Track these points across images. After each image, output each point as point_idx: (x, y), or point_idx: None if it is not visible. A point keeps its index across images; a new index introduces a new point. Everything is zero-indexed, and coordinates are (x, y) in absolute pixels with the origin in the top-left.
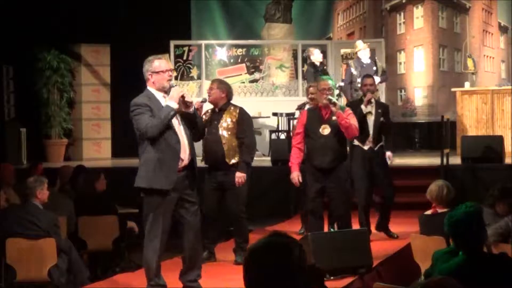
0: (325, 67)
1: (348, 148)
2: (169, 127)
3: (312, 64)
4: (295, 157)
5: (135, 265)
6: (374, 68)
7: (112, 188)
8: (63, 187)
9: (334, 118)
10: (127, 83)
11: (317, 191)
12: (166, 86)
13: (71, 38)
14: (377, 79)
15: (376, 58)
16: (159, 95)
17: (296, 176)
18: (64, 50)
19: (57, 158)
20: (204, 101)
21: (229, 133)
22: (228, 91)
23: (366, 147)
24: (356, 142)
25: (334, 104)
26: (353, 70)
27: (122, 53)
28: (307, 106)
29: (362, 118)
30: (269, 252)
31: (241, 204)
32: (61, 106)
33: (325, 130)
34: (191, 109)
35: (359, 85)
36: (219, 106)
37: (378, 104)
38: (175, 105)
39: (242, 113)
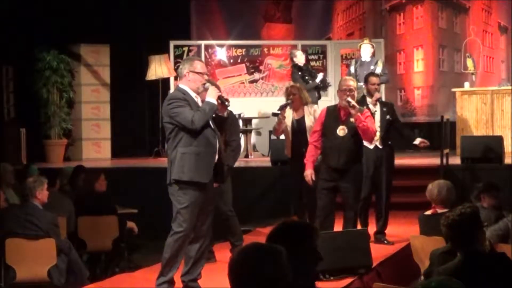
0: (310, 67)
1: None
2: (207, 123)
3: (297, 66)
4: (310, 155)
5: (134, 265)
6: (372, 67)
7: (112, 189)
8: (62, 187)
9: (352, 119)
10: (127, 83)
11: (329, 188)
12: (200, 88)
13: (70, 38)
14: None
15: (379, 59)
16: (192, 94)
17: (309, 174)
18: (64, 50)
19: (57, 158)
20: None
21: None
22: None
23: (371, 146)
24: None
25: (353, 107)
26: (352, 69)
27: (121, 53)
28: (288, 108)
29: None
30: (248, 263)
31: (228, 202)
32: (61, 106)
33: (342, 131)
34: (225, 112)
35: (359, 83)
36: None
37: (382, 103)
38: (215, 102)
39: (232, 117)
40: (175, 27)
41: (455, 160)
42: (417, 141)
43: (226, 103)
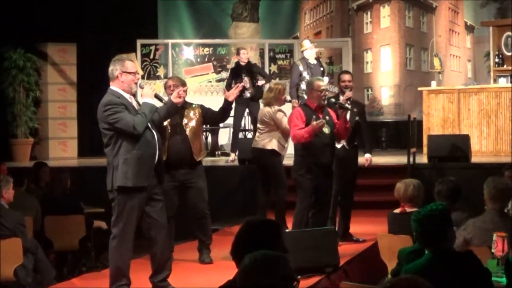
0: (252, 68)
1: None
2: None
3: (237, 63)
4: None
5: (101, 265)
6: (321, 69)
7: (78, 188)
8: (29, 187)
9: (327, 117)
10: (94, 82)
11: (313, 185)
12: (134, 88)
13: (37, 37)
14: (325, 79)
15: (320, 59)
16: (126, 95)
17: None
18: (30, 49)
19: (23, 158)
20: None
21: (196, 131)
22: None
23: (339, 146)
24: None
25: (346, 108)
26: (301, 70)
27: (88, 52)
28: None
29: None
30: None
31: (206, 201)
32: (27, 105)
33: (326, 129)
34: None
35: None
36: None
37: (354, 102)
38: (152, 101)
39: (204, 109)
40: (142, 25)
41: (422, 159)
42: (365, 158)
43: (163, 101)
